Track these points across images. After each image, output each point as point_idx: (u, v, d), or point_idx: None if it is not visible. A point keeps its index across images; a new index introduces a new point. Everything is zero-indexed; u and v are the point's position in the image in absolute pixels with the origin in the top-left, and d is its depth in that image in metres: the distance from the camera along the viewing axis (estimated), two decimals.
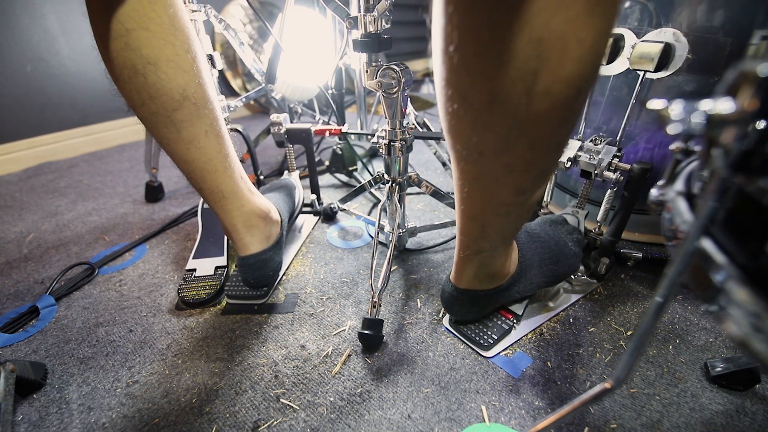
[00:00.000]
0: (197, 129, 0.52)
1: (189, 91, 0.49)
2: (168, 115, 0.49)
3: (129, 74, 0.45)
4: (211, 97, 0.53)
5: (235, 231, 0.61)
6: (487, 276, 0.54)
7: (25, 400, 0.51)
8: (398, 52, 2.81)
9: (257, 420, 0.48)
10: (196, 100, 0.50)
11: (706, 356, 0.54)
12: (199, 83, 0.50)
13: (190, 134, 0.51)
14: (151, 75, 0.46)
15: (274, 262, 0.66)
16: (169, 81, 0.47)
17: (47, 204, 1.08)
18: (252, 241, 0.63)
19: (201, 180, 0.55)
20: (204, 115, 0.52)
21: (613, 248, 0.66)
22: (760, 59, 0.17)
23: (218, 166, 0.55)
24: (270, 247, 0.65)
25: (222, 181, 0.57)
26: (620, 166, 0.59)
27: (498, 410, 0.48)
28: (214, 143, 0.54)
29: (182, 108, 0.49)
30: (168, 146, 0.52)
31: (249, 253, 0.63)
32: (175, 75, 0.47)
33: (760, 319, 0.18)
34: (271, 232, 0.66)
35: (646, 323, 0.25)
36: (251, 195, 0.63)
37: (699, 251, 0.21)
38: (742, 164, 0.18)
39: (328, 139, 1.42)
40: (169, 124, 0.49)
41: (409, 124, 0.91)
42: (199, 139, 0.52)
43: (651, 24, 0.61)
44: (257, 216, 0.63)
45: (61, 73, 1.40)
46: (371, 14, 0.59)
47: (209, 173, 0.55)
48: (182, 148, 0.52)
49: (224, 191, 0.58)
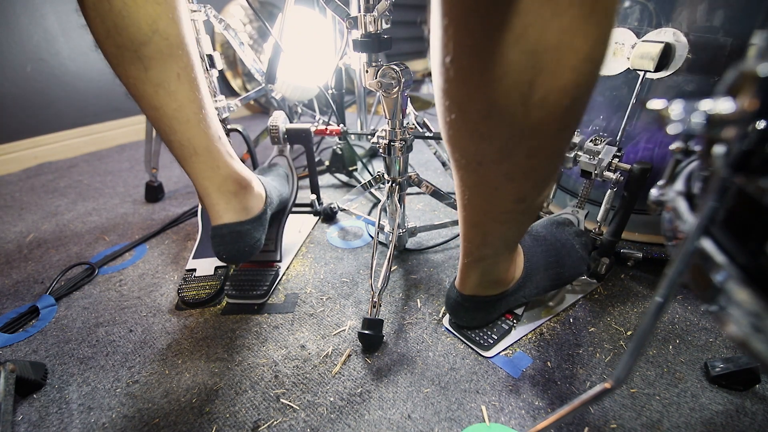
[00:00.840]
0: (168, 70, 0.47)
1: (160, 24, 0.44)
2: (135, 49, 0.44)
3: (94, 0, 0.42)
4: (187, 38, 0.48)
5: (208, 195, 0.56)
6: (491, 282, 0.53)
7: (25, 400, 0.51)
8: (398, 52, 2.81)
9: (257, 420, 0.48)
10: (167, 36, 0.46)
11: (706, 356, 0.54)
12: (172, 18, 0.46)
13: (160, 75, 0.47)
14: (117, 1, 0.42)
15: (252, 237, 0.59)
16: (138, 10, 0.43)
17: (47, 204, 1.08)
18: (227, 209, 0.57)
19: (170, 131, 0.50)
20: (177, 55, 0.47)
21: (613, 248, 0.66)
22: (760, 59, 0.17)
23: (191, 117, 0.50)
24: (248, 219, 0.59)
25: (194, 135, 0.52)
26: (620, 166, 0.59)
27: (498, 410, 0.48)
28: (187, 89, 0.49)
29: (151, 43, 0.45)
30: (135, 88, 0.47)
31: (221, 222, 0.57)
32: (145, 4, 0.43)
33: (760, 319, 0.18)
34: (251, 204, 0.60)
35: (646, 323, 0.25)
36: (230, 159, 0.57)
37: (699, 251, 0.21)
38: (742, 164, 0.18)
39: (328, 139, 1.42)
40: (135, 61, 0.45)
41: (409, 124, 0.91)
42: (169, 82, 0.47)
43: (651, 24, 0.61)
44: (235, 182, 0.57)
45: (61, 73, 1.40)
46: (371, 14, 0.59)
47: (179, 123, 0.50)
48: (150, 90, 0.47)
49: (196, 146, 0.52)
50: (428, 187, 0.77)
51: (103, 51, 0.46)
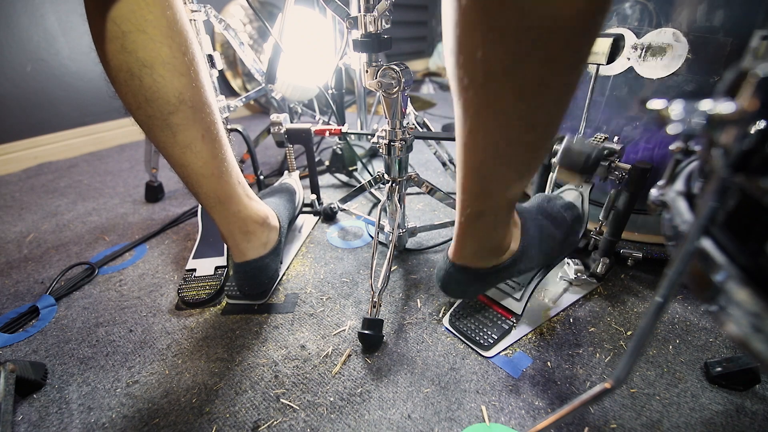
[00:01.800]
0: (194, 133, 0.51)
1: (186, 94, 0.48)
2: (164, 118, 0.48)
3: (125, 77, 0.45)
4: (209, 100, 0.52)
5: (232, 237, 0.60)
6: (487, 250, 0.51)
7: (25, 400, 0.51)
8: (398, 52, 2.81)
9: (257, 420, 0.48)
10: (193, 104, 0.49)
11: (706, 356, 0.54)
12: (196, 86, 0.49)
13: (187, 138, 0.50)
14: (147, 78, 0.45)
15: (271, 269, 0.65)
16: (165, 84, 0.46)
17: (47, 204, 1.08)
18: (249, 247, 0.61)
19: (197, 184, 0.54)
20: (201, 119, 0.51)
21: (613, 248, 0.66)
22: (760, 59, 0.17)
23: (215, 171, 0.54)
24: (267, 253, 0.64)
25: (218, 186, 0.56)
26: (620, 166, 0.59)
27: (498, 410, 0.48)
28: (211, 147, 0.53)
29: (178, 111, 0.48)
30: (164, 150, 0.51)
31: (245, 260, 0.61)
32: (172, 78, 0.46)
33: (760, 319, 0.18)
34: (268, 239, 0.65)
35: (646, 323, 0.25)
36: (248, 200, 0.62)
37: (699, 251, 0.21)
38: (742, 164, 0.18)
39: (328, 139, 1.42)
40: (165, 128, 0.49)
41: (409, 124, 0.91)
42: (195, 143, 0.51)
43: (651, 24, 0.61)
44: (254, 222, 0.62)
45: (61, 73, 1.40)
46: (371, 14, 0.59)
47: (205, 178, 0.54)
48: (178, 152, 0.51)
49: (220, 196, 0.56)
50: (428, 187, 0.77)
51: (135, 119, 0.49)
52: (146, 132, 0.50)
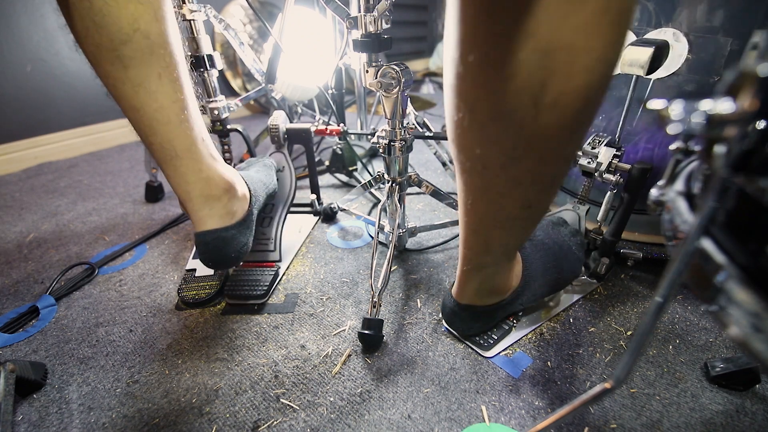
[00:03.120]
0: (148, 70, 0.45)
1: (141, 23, 0.43)
2: (114, 48, 0.43)
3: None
4: (171, 37, 0.47)
5: (190, 201, 0.54)
6: (488, 291, 0.53)
7: (25, 400, 0.51)
8: (398, 52, 2.81)
9: (257, 420, 0.48)
10: (149, 35, 0.44)
11: (706, 356, 0.54)
12: (155, 17, 0.44)
13: (140, 75, 0.45)
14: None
15: (238, 242, 0.58)
16: (119, 9, 0.42)
17: (47, 204, 1.08)
18: (210, 214, 0.55)
19: (150, 132, 0.48)
20: (159, 55, 0.46)
21: (613, 248, 0.66)
22: (760, 59, 0.17)
23: (172, 118, 0.48)
24: (233, 224, 0.57)
25: (175, 136, 0.50)
26: (620, 166, 0.59)
27: (498, 410, 0.48)
28: (169, 89, 0.48)
29: (131, 41, 0.43)
30: (114, 88, 0.46)
31: (205, 229, 0.55)
32: (126, 3, 0.42)
33: (760, 319, 0.18)
34: (235, 208, 0.58)
35: (646, 323, 0.25)
36: (212, 161, 0.55)
37: (699, 251, 0.21)
38: (742, 164, 0.18)
39: (328, 139, 1.42)
40: (115, 60, 0.44)
41: (409, 124, 0.91)
42: (149, 82, 0.46)
43: (651, 24, 0.61)
44: (218, 186, 0.55)
45: (61, 73, 1.40)
46: (371, 14, 0.59)
47: (160, 124, 0.48)
48: (129, 90, 0.46)
49: (177, 148, 0.50)
50: (428, 187, 0.77)
51: (83, 50, 0.44)
52: (95, 66, 0.45)
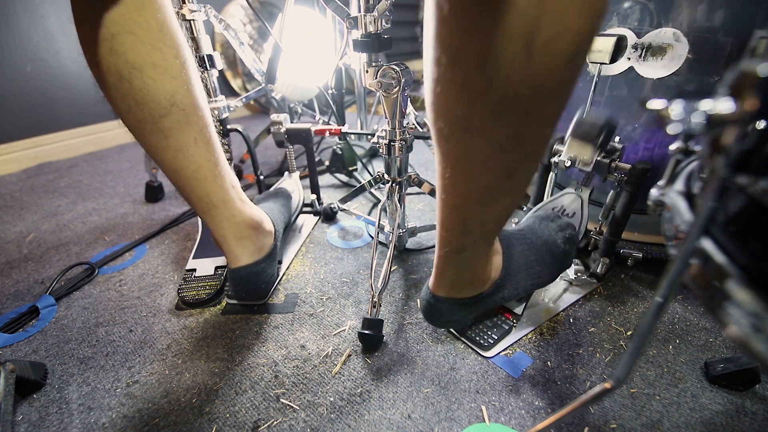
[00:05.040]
0: (186, 137, 0.50)
1: (177, 97, 0.48)
2: (155, 122, 0.47)
3: (114, 80, 0.44)
4: (201, 104, 0.51)
5: (226, 242, 0.59)
6: (466, 282, 0.51)
7: (25, 400, 0.51)
8: (398, 52, 2.81)
9: (257, 420, 0.48)
10: (184, 107, 0.49)
11: (706, 356, 0.54)
12: (188, 89, 0.49)
13: (178, 142, 0.50)
14: (137, 80, 0.44)
15: (267, 274, 0.64)
16: (156, 87, 0.46)
17: (47, 204, 1.08)
18: (243, 252, 0.61)
19: (190, 189, 0.54)
20: (193, 122, 0.50)
21: (613, 248, 0.66)
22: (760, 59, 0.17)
23: (208, 175, 0.54)
24: (262, 258, 0.63)
25: (211, 190, 0.55)
26: (620, 166, 0.59)
27: (498, 410, 0.48)
28: (204, 151, 0.53)
29: (170, 115, 0.48)
30: (155, 154, 0.51)
31: (239, 265, 0.60)
32: (163, 81, 0.46)
33: (760, 319, 0.18)
34: (263, 243, 0.64)
35: (646, 323, 0.25)
36: (242, 204, 0.61)
37: (699, 251, 0.21)
38: (742, 164, 0.18)
39: (328, 139, 1.42)
40: (156, 131, 0.48)
41: (409, 124, 0.91)
42: (187, 147, 0.51)
43: (651, 24, 0.61)
44: (249, 226, 0.61)
45: (61, 73, 1.40)
46: (371, 14, 0.59)
47: (198, 182, 0.53)
48: (170, 156, 0.50)
49: (214, 201, 0.56)
50: (428, 187, 0.77)
51: (125, 124, 0.48)
52: (137, 136, 0.49)
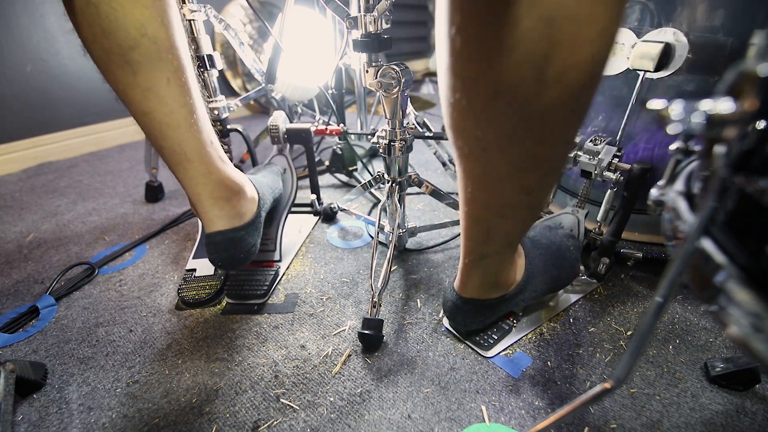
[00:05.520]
0: (157, 74, 0.46)
1: (149, 28, 0.44)
2: (123, 53, 0.43)
3: (80, 4, 0.41)
4: (177, 41, 0.47)
5: (200, 202, 0.55)
6: (492, 284, 0.52)
7: (25, 400, 0.51)
8: (398, 52, 2.81)
9: (257, 420, 0.48)
10: (156, 41, 0.45)
11: (706, 356, 0.54)
12: (162, 22, 0.45)
13: (149, 80, 0.46)
14: (104, 6, 0.41)
15: (247, 243, 0.59)
16: (125, 15, 0.42)
17: (47, 204, 1.08)
18: (220, 215, 0.56)
19: (161, 136, 0.49)
20: (167, 59, 0.46)
21: (613, 248, 0.66)
22: (760, 59, 0.17)
23: (181, 122, 0.49)
24: (242, 225, 0.58)
25: (185, 140, 0.50)
26: (620, 166, 0.59)
27: (498, 410, 0.48)
28: (177, 94, 0.48)
29: (139, 47, 0.44)
30: (123, 93, 0.47)
31: (215, 230, 0.56)
32: (132, 8, 0.42)
33: (760, 319, 0.18)
34: (244, 209, 0.60)
35: (646, 323, 0.25)
36: (221, 163, 0.56)
37: (699, 251, 0.21)
38: (742, 164, 0.18)
39: (328, 139, 1.42)
40: (124, 65, 0.44)
41: (409, 124, 0.91)
42: (158, 87, 0.47)
43: (651, 24, 0.61)
44: (227, 188, 0.57)
45: (61, 73, 1.40)
46: (371, 14, 0.59)
47: (170, 128, 0.49)
48: (139, 95, 0.46)
49: (187, 152, 0.51)
50: (428, 187, 0.77)
51: (91, 55, 0.45)
52: (104, 71, 0.46)
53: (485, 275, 0.50)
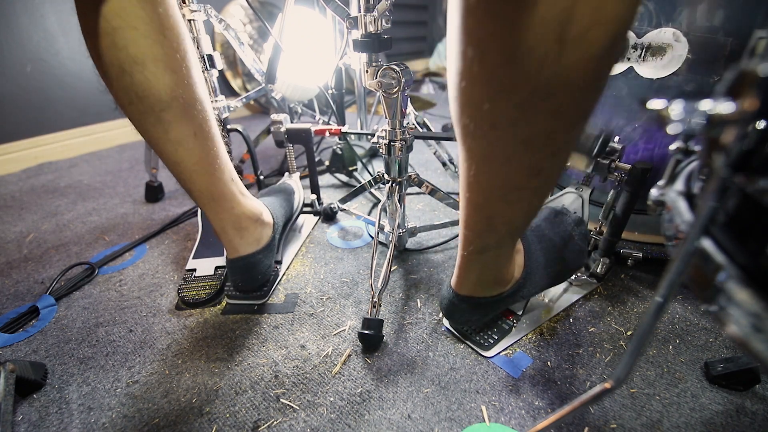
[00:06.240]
0: (186, 130, 0.51)
1: (178, 91, 0.48)
2: (156, 114, 0.48)
3: (116, 73, 0.44)
4: (202, 97, 0.52)
5: (224, 233, 0.60)
6: (490, 281, 0.51)
7: (25, 400, 0.51)
8: (398, 52, 2.81)
9: (257, 420, 0.48)
10: (185, 100, 0.49)
11: (706, 356, 0.54)
12: (188, 83, 0.49)
13: (179, 135, 0.50)
14: (138, 74, 0.45)
15: (264, 265, 0.65)
16: (158, 81, 0.46)
17: (47, 204, 1.08)
18: (241, 243, 0.62)
19: (190, 181, 0.55)
20: (193, 116, 0.51)
21: (613, 248, 0.66)
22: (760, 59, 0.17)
23: (208, 168, 0.55)
24: (260, 249, 0.64)
25: (211, 183, 0.56)
26: (620, 166, 0.59)
27: (498, 410, 0.48)
28: (204, 144, 0.53)
29: (171, 108, 0.48)
30: (157, 146, 0.51)
31: (237, 255, 0.62)
32: (164, 75, 0.46)
33: (760, 319, 0.18)
34: (261, 235, 0.65)
35: (646, 323, 0.25)
36: (242, 197, 0.62)
37: (699, 251, 0.21)
38: (742, 164, 0.18)
39: (328, 139, 1.42)
40: (157, 124, 0.49)
41: (409, 124, 0.91)
42: (188, 140, 0.51)
43: (651, 24, 0.61)
44: (248, 218, 0.62)
45: (61, 73, 1.40)
46: (371, 14, 0.59)
47: (198, 174, 0.54)
48: (171, 148, 0.51)
49: (213, 193, 0.57)
50: (428, 187, 0.77)
51: (127, 115, 0.49)
52: (138, 128, 0.50)
53: (483, 271, 0.50)
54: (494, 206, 0.41)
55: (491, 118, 0.32)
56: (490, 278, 0.51)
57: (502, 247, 0.47)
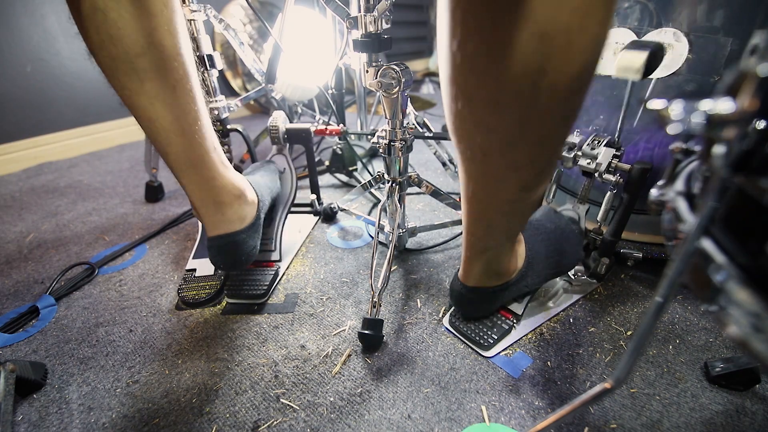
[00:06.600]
0: (163, 82, 0.46)
1: (156, 36, 0.44)
2: (130, 60, 0.43)
3: (88, 10, 0.41)
4: (183, 49, 0.48)
5: (203, 207, 0.56)
6: (494, 273, 0.54)
7: (25, 400, 0.51)
8: (398, 52, 2.81)
9: (257, 420, 0.48)
10: (164, 49, 0.45)
11: (706, 356, 0.54)
12: (169, 30, 0.45)
13: (155, 87, 0.46)
14: (112, 12, 0.41)
15: (248, 245, 0.60)
16: (134, 22, 0.42)
17: (47, 204, 1.08)
18: (222, 219, 0.57)
19: (166, 142, 0.50)
20: (173, 67, 0.47)
21: (613, 248, 0.66)
22: (760, 59, 0.17)
23: (186, 129, 0.50)
24: (243, 228, 0.60)
25: (190, 148, 0.51)
26: (620, 166, 0.59)
27: (498, 410, 0.48)
28: (183, 101, 0.49)
29: (147, 54, 0.44)
30: (129, 100, 0.46)
31: (217, 234, 0.57)
32: (141, 16, 0.42)
33: (760, 319, 0.18)
34: (245, 213, 0.61)
35: (646, 323, 0.25)
36: (224, 169, 0.57)
37: (699, 251, 0.21)
38: (742, 164, 0.18)
39: (328, 139, 1.42)
40: (130, 72, 0.44)
41: (409, 124, 0.91)
42: (165, 94, 0.47)
43: (651, 24, 0.60)
44: (229, 192, 0.58)
45: (61, 73, 1.40)
46: (371, 14, 0.59)
47: (175, 135, 0.49)
48: (145, 102, 0.46)
49: (192, 159, 0.52)
50: (428, 187, 0.77)
51: (98, 61, 0.45)
52: (110, 77, 0.45)
53: (487, 265, 0.52)
54: (492, 217, 0.45)
55: (483, 148, 0.37)
56: (494, 270, 0.54)
57: (503, 246, 0.50)
